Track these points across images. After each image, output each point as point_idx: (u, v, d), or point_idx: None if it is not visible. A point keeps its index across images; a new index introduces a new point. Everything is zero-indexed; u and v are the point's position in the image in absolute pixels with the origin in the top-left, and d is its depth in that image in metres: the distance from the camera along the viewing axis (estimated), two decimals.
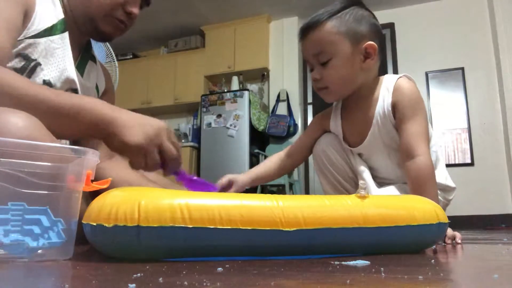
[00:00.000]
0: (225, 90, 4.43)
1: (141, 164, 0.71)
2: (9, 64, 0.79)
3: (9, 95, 0.64)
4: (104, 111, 0.69)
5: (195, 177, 0.84)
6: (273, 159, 1.19)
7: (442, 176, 1.06)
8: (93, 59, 1.04)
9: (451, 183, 1.07)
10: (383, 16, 4.24)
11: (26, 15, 0.82)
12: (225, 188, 1.06)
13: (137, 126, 0.69)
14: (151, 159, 0.71)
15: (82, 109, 0.67)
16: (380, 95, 1.01)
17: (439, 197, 1.02)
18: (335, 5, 0.97)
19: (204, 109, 4.35)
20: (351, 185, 1.12)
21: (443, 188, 1.05)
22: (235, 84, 4.49)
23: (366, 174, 1.07)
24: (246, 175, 1.12)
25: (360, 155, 1.10)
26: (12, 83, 0.65)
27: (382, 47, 1.00)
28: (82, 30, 0.94)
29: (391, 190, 1.03)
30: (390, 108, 0.98)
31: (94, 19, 0.90)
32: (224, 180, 1.06)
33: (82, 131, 0.69)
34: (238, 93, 4.23)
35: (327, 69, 0.97)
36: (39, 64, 0.84)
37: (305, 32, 0.98)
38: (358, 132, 1.06)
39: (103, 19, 0.90)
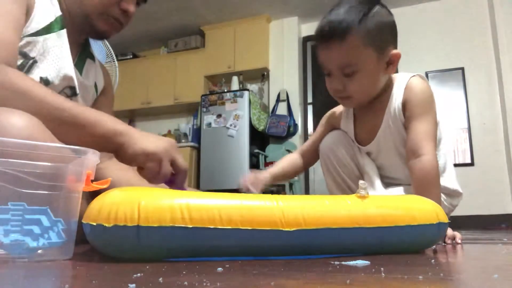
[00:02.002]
0: (225, 90, 4.43)
1: (155, 171, 0.73)
2: None
3: (27, 102, 0.66)
4: (118, 125, 0.72)
5: None
6: (288, 159, 1.20)
7: (451, 180, 1.04)
8: (92, 57, 1.04)
9: (459, 188, 1.06)
10: None
11: (27, 13, 0.82)
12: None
13: (151, 138, 0.74)
14: (164, 168, 0.73)
15: (98, 122, 0.70)
16: (393, 93, 1.00)
17: (445, 202, 1.01)
18: (354, 8, 0.90)
19: (204, 109, 4.35)
20: (356, 184, 1.12)
21: (449, 193, 1.03)
22: (235, 84, 4.49)
23: (373, 173, 1.06)
24: (266, 173, 1.13)
25: (368, 154, 1.10)
26: (31, 91, 0.67)
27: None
28: (78, 28, 0.94)
29: (398, 191, 1.02)
30: (400, 107, 0.98)
31: (90, 16, 0.90)
32: (247, 178, 1.07)
33: (95, 142, 0.71)
34: (238, 93, 4.23)
35: (352, 81, 0.93)
36: (35, 61, 0.84)
37: (329, 40, 0.91)
38: (369, 130, 1.05)
39: (98, 17, 0.90)
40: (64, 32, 0.90)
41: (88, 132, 0.70)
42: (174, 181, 0.78)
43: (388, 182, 1.09)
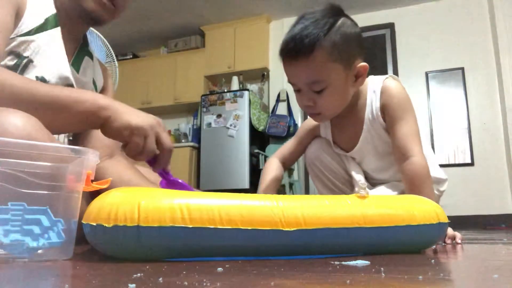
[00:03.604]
0: (225, 90, 4.43)
1: (139, 147, 0.70)
2: (2, 63, 0.79)
3: (7, 91, 0.65)
4: (101, 99, 0.70)
5: (180, 180, 0.80)
6: (273, 174, 1.12)
7: (433, 169, 1.05)
8: (90, 55, 1.04)
9: (442, 175, 1.08)
10: (383, 16, 4.25)
11: (18, 13, 0.82)
12: None
13: (137, 112, 0.71)
14: (149, 144, 0.70)
15: (80, 99, 0.69)
16: (368, 98, 0.99)
17: (434, 190, 1.02)
18: (320, 19, 0.87)
19: (204, 109, 4.35)
20: (347, 187, 1.12)
21: (436, 181, 1.05)
22: (235, 84, 4.49)
23: (359, 176, 1.07)
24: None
25: (353, 158, 1.10)
26: (9, 80, 0.66)
27: (366, 52, 0.96)
28: (71, 16, 0.92)
29: (383, 189, 1.03)
30: (379, 112, 0.97)
31: None
32: None
33: (80, 121, 0.70)
34: (238, 93, 4.23)
35: (322, 97, 0.91)
36: (31, 61, 0.84)
37: (294, 56, 0.88)
38: (349, 137, 1.05)
39: None
40: (58, 30, 0.89)
41: (71, 112, 0.68)
42: (157, 161, 0.75)
43: (374, 183, 1.10)
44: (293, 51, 0.87)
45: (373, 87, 0.99)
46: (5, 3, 0.79)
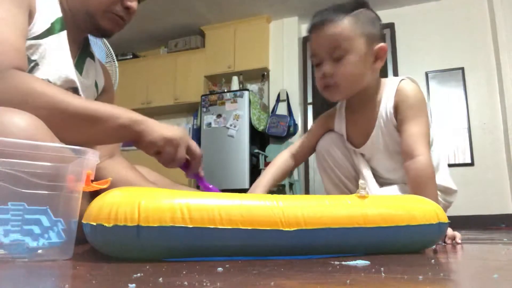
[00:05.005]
0: (225, 90, 4.43)
1: (171, 156, 0.78)
2: None
3: (44, 101, 0.67)
4: (134, 115, 0.76)
5: (211, 186, 0.92)
6: (278, 164, 1.14)
7: (444, 178, 1.05)
8: (92, 56, 1.04)
9: (453, 186, 1.07)
10: (383, 16, 4.19)
11: (29, 17, 0.82)
12: None
13: (167, 126, 0.79)
14: (180, 153, 0.78)
15: (115, 114, 0.74)
16: (383, 96, 1.01)
17: (440, 199, 1.02)
18: (344, 5, 0.97)
19: (204, 109, 4.35)
20: (353, 184, 1.13)
21: (444, 190, 1.05)
22: (235, 84, 4.49)
23: (367, 173, 1.07)
24: (261, 189, 1.07)
25: (362, 155, 1.11)
26: (47, 92, 0.69)
27: (385, 42, 1.02)
28: (81, 27, 0.94)
29: (392, 190, 1.03)
30: (392, 110, 0.99)
31: (93, 15, 0.90)
32: None
33: (113, 135, 0.75)
34: (238, 93, 4.23)
35: (341, 65, 0.95)
36: (37, 64, 0.84)
37: (320, 26, 0.96)
38: (361, 133, 1.06)
39: (102, 15, 0.90)
40: (64, 33, 0.90)
41: (108, 125, 0.73)
42: (189, 166, 0.83)
43: (382, 182, 1.10)
44: (320, 21, 0.96)
45: (390, 86, 1.01)
46: (23, 8, 0.79)
